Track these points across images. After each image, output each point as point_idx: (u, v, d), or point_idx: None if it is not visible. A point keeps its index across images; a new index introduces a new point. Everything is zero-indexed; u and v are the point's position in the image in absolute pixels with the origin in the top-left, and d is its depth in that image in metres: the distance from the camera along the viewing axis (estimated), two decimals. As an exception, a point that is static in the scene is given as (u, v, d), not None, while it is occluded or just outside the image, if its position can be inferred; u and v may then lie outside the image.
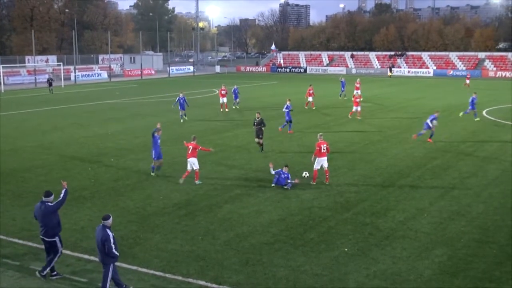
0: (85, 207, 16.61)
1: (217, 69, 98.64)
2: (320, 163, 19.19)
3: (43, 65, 79.04)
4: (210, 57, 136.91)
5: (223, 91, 39.12)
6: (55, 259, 11.77)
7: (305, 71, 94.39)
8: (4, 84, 62.31)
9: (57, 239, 11.76)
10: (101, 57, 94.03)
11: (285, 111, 29.57)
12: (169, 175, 20.20)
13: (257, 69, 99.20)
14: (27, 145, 26.71)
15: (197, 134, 20.85)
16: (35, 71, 71.24)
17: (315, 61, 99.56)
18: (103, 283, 10.65)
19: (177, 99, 35.05)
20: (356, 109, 34.56)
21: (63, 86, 64.36)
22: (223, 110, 39.11)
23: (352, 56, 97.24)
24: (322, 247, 13.42)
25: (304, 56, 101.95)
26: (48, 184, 18.63)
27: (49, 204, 11.70)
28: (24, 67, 75.39)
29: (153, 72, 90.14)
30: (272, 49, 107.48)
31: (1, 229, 14.64)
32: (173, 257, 12.80)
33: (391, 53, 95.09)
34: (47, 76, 63.69)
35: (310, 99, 40.41)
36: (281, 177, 18.64)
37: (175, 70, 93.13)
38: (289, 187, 18.47)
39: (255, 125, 24.42)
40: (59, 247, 11.83)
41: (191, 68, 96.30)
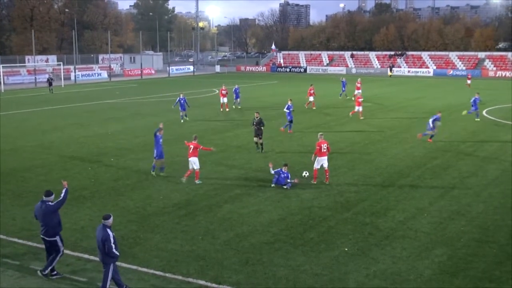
0: (85, 207, 16.62)
1: (217, 68, 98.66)
2: (320, 162, 19.20)
3: (43, 65, 79.03)
4: (210, 57, 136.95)
5: (223, 91, 39.10)
6: (57, 258, 11.77)
7: (305, 71, 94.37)
8: (4, 83, 62.33)
9: (57, 239, 11.76)
10: (101, 57, 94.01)
11: (286, 111, 29.59)
12: (169, 175, 20.19)
13: (257, 69, 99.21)
14: (27, 145, 26.71)
15: (197, 134, 20.83)
16: (35, 71, 71.26)
17: (315, 61, 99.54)
18: (103, 283, 10.65)
19: (177, 99, 35.02)
20: (358, 109, 34.56)
21: (63, 85, 64.36)
22: (223, 110, 39.10)
23: (352, 56, 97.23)
24: (322, 247, 13.42)
25: (304, 56, 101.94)
26: (48, 183, 18.63)
27: (49, 203, 11.70)
28: (24, 67, 75.38)
29: (153, 71, 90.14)
30: (272, 49, 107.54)
31: (1, 229, 14.65)
32: (173, 257, 12.81)
33: (391, 53, 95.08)
34: (47, 76, 63.67)
35: (311, 99, 40.41)
36: (281, 177, 18.65)
37: (175, 69, 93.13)
38: (288, 187, 18.47)
39: (254, 125, 24.43)
40: (61, 247, 11.83)
41: (191, 68, 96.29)
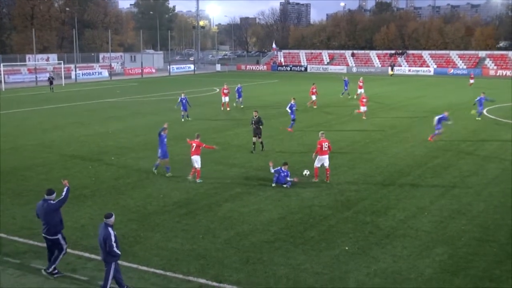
0: (86, 206, 16.62)
1: (218, 67, 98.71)
2: (321, 161, 19.21)
3: (44, 63, 79.09)
4: (210, 56, 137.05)
5: (225, 90, 39.05)
6: (60, 256, 11.78)
7: (306, 69, 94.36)
8: (4, 82, 62.40)
9: (60, 237, 11.76)
10: (101, 55, 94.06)
11: (289, 110, 29.56)
12: (169, 174, 20.19)
13: (257, 68, 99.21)
14: (27, 144, 26.71)
15: (198, 132, 20.82)
16: (36, 70, 71.34)
17: (315, 59, 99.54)
18: (104, 282, 10.63)
19: (179, 99, 34.97)
20: (363, 109, 34.44)
21: (63, 84, 64.36)
22: (224, 109, 39.09)
23: (352, 54, 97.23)
24: (322, 246, 13.42)
25: (304, 54, 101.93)
26: (48, 182, 18.61)
27: (51, 202, 11.70)
28: (24, 65, 75.48)
29: (154, 70, 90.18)
30: (272, 48, 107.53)
31: (1, 228, 14.65)
32: (174, 256, 12.81)
33: (392, 51, 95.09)
34: (47, 74, 63.76)
35: (313, 97, 40.45)
36: (281, 176, 18.65)
37: (175, 68, 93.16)
38: (288, 185, 18.47)
39: (253, 123, 24.40)
40: (63, 245, 11.83)
41: (191, 66, 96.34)
